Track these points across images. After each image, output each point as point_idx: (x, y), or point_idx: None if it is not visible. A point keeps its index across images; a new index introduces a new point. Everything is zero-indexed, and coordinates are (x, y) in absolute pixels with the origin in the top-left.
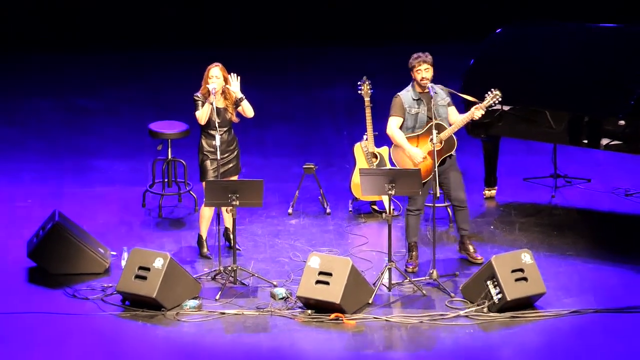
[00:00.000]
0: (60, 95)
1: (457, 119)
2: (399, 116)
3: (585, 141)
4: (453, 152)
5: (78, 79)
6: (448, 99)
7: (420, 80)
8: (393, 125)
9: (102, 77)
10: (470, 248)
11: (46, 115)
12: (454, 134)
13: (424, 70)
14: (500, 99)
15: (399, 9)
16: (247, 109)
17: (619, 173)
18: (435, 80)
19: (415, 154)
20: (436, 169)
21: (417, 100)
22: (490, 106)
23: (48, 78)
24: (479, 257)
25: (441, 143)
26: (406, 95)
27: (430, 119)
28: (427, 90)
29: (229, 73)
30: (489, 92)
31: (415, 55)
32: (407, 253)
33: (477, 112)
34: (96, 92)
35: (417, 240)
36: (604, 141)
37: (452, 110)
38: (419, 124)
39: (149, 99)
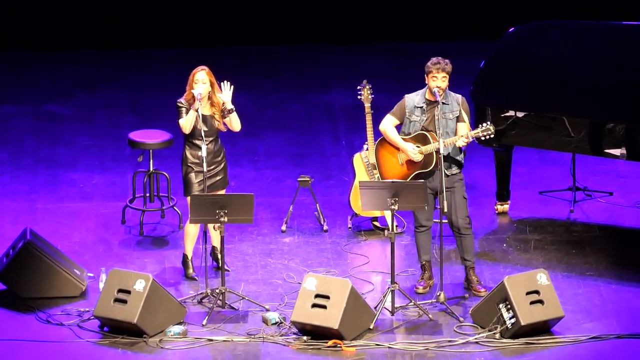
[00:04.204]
0: (25, 100)
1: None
2: (395, 117)
3: (607, 151)
4: (454, 171)
5: (46, 82)
6: (458, 113)
7: (434, 89)
8: (387, 122)
9: (73, 79)
10: (474, 278)
11: (10, 123)
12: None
13: (440, 79)
14: (491, 135)
15: (399, 4)
16: (235, 122)
17: None
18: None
19: (408, 149)
20: (443, 180)
21: (419, 108)
22: (478, 138)
23: (11, 81)
24: (482, 290)
25: (422, 155)
26: (412, 99)
27: (425, 129)
28: (436, 99)
29: (220, 80)
30: (482, 124)
31: (434, 60)
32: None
33: (460, 140)
34: (67, 97)
35: (428, 259)
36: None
37: (462, 126)
38: (413, 132)
39: (125, 104)
